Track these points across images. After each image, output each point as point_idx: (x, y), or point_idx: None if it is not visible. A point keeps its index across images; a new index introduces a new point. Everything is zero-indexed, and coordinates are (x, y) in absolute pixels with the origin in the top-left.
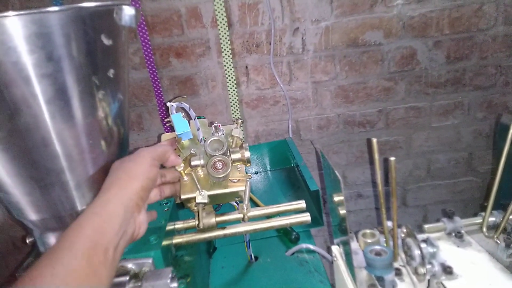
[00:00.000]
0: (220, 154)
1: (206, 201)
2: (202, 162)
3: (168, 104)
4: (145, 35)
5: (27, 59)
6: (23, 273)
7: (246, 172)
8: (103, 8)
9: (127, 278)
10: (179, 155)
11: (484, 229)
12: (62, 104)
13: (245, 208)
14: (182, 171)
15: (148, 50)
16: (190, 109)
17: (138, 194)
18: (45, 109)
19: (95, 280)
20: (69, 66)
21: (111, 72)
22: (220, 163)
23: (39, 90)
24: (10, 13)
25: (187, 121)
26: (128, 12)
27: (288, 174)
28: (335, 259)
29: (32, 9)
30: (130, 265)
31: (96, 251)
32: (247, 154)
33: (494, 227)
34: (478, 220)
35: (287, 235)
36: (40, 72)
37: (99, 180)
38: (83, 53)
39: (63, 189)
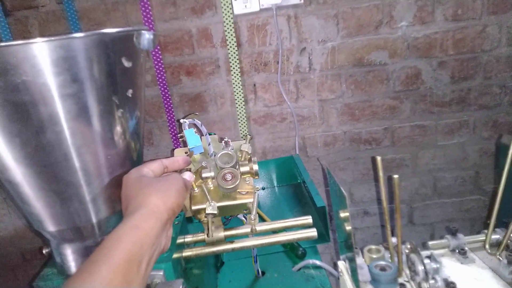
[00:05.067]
0: (230, 167)
1: (215, 211)
2: (212, 174)
3: (182, 120)
4: (157, 54)
5: (54, 81)
6: (65, 282)
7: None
8: (124, 34)
9: None
10: (191, 169)
11: (487, 246)
12: (84, 122)
13: (253, 219)
14: (193, 183)
15: (160, 68)
16: (202, 125)
17: (173, 210)
18: (68, 127)
19: None
20: (91, 86)
21: (129, 92)
22: (229, 175)
23: (63, 109)
24: (40, 39)
25: (199, 136)
26: (147, 36)
27: (294, 190)
28: (341, 274)
29: (60, 35)
30: None
31: (131, 265)
32: (255, 167)
33: (497, 245)
34: (481, 237)
35: (293, 250)
36: (65, 92)
37: (114, 194)
38: (104, 74)
39: (81, 202)
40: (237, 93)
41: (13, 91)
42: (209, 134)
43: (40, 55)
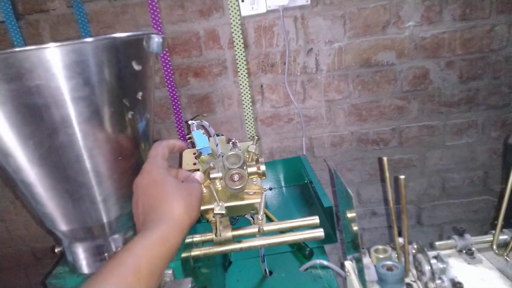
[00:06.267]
0: (237, 168)
1: (223, 212)
2: (220, 174)
3: (190, 122)
4: (165, 56)
5: (67, 84)
6: (89, 279)
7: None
8: (134, 38)
9: None
10: (199, 169)
11: (494, 247)
12: (95, 124)
13: (260, 219)
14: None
15: (168, 70)
16: (209, 126)
17: (194, 221)
18: (80, 129)
19: None
20: (102, 90)
21: (139, 95)
22: (237, 175)
23: (75, 112)
24: (53, 44)
25: (206, 137)
26: (156, 40)
27: (302, 190)
28: (348, 274)
29: (72, 39)
30: None
31: (153, 276)
32: (263, 167)
33: (504, 245)
34: (489, 238)
35: (301, 250)
36: (77, 95)
37: (124, 195)
38: (115, 78)
39: (92, 202)
40: (244, 94)
41: (27, 94)
42: (217, 135)
43: (53, 59)
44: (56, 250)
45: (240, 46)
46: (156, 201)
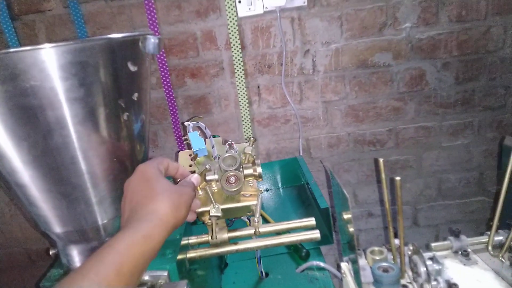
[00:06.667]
0: (234, 170)
1: (219, 214)
2: (216, 176)
3: (186, 123)
4: (162, 57)
5: (62, 85)
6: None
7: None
8: (130, 39)
9: None
10: (195, 171)
11: (490, 248)
12: (90, 125)
13: (256, 221)
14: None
15: (165, 71)
16: (205, 128)
17: (179, 224)
18: (75, 130)
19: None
20: (98, 91)
21: (135, 96)
22: (233, 177)
23: (70, 113)
24: (48, 44)
25: (203, 139)
26: (152, 41)
27: (298, 191)
28: (344, 275)
29: (68, 40)
30: (146, 277)
31: (135, 275)
32: (259, 169)
33: (500, 246)
34: (484, 239)
35: (297, 252)
36: (72, 96)
37: (120, 197)
38: (111, 79)
39: (87, 204)
40: (241, 95)
41: (21, 95)
42: (213, 137)
43: (48, 60)
44: (50, 253)
45: (237, 47)
46: (144, 199)
